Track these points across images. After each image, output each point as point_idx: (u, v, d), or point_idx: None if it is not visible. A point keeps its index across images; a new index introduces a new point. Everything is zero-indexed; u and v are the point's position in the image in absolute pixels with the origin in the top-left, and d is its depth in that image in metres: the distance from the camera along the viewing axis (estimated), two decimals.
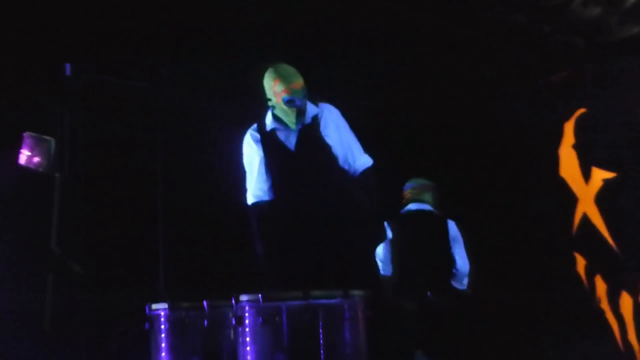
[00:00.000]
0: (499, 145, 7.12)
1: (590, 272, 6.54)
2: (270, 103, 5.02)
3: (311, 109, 5.00)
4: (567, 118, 6.96)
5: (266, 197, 5.04)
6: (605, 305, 6.66)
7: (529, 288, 6.42)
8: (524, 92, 7.01)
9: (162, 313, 5.01)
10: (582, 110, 6.93)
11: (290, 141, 5.01)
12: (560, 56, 6.90)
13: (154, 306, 4.99)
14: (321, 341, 5.23)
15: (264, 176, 5.04)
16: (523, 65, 7.10)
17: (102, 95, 5.23)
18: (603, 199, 6.82)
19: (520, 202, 6.94)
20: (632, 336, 6.59)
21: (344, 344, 5.45)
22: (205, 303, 4.96)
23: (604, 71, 6.71)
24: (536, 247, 6.81)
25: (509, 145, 7.10)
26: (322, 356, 5.20)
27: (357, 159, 5.00)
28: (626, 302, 6.64)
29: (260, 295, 4.70)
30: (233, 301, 4.70)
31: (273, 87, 4.96)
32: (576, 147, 6.94)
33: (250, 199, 5.09)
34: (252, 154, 5.10)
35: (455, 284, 6.32)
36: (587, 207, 6.84)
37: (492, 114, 7.11)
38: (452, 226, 6.39)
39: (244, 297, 4.78)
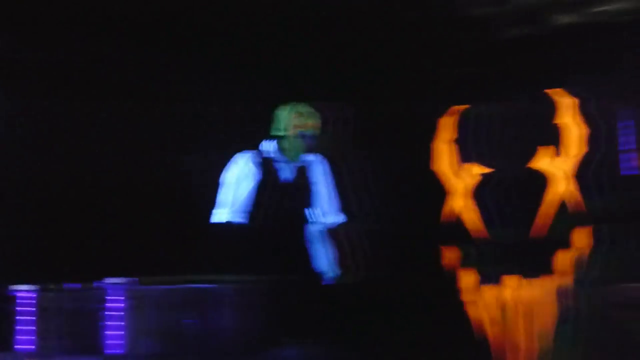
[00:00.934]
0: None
1: (457, 265, 6.75)
2: (279, 133, 5.30)
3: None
4: (443, 113, 7.14)
5: (243, 220, 5.35)
6: (469, 297, 6.90)
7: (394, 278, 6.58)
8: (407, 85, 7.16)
9: (26, 294, 5.06)
10: (459, 107, 7.13)
11: (285, 173, 5.40)
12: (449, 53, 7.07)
13: (16, 287, 5.04)
14: (193, 321, 5.42)
15: (251, 199, 5.39)
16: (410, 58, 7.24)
17: None
18: (474, 193, 7.04)
19: None
20: (491, 327, 6.84)
21: (214, 327, 5.64)
22: (69, 285, 5.04)
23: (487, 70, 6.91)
24: None
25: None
26: (190, 337, 5.38)
27: (329, 213, 5.27)
28: (488, 294, 6.89)
29: (127, 279, 4.82)
30: (100, 284, 4.80)
31: (292, 120, 5.27)
32: (451, 141, 7.14)
33: (226, 216, 5.31)
34: (247, 174, 5.40)
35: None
36: (458, 200, 7.05)
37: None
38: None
39: (110, 280, 4.89)
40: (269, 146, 5.61)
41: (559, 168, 6.69)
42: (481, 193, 7.06)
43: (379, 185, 6.77)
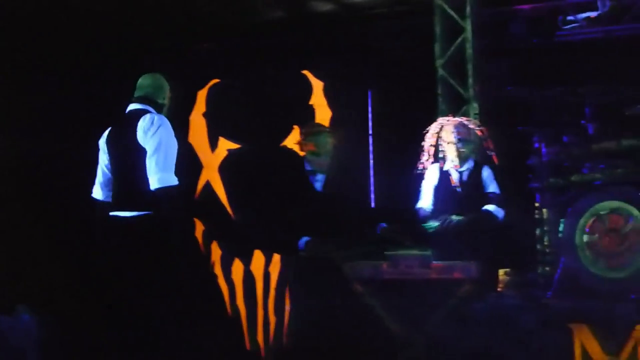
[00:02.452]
0: None
1: (208, 238, 6.80)
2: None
3: None
4: (202, 86, 7.13)
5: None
6: (218, 270, 6.98)
7: None
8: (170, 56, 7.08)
9: None
10: (216, 81, 7.14)
11: None
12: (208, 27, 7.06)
13: None
14: None
15: None
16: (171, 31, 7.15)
17: None
18: (225, 168, 7.11)
19: None
20: (240, 301, 6.97)
21: None
22: None
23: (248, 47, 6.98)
24: None
25: None
26: None
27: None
28: (238, 268, 7.01)
29: None
30: None
31: None
32: (206, 115, 7.15)
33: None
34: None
35: None
36: (210, 174, 7.09)
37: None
38: None
39: None
40: None
41: None
42: (229, 168, 7.14)
43: None
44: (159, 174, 4.92)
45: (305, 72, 7.11)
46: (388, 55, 7.09)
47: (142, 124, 5.00)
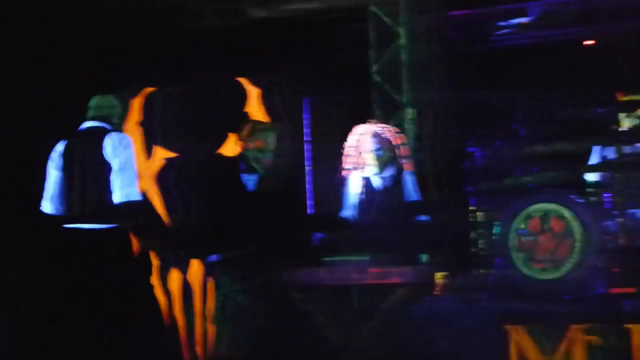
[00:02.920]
0: None
1: (144, 248, 6.72)
2: None
3: None
4: (135, 94, 7.09)
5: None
6: (155, 280, 6.93)
7: None
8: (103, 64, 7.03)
9: None
10: (150, 89, 7.11)
11: None
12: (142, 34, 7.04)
13: None
14: None
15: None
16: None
17: None
18: (161, 177, 7.07)
19: None
20: (177, 310, 6.93)
21: None
22: None
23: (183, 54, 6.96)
24: None
25: None
26: None
27: None
28: (175, 278, 6.97)
29: None
30: None
31: None
32: (141, 124, 7.11)
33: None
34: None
35: None
36: (146, 183, 7.05)
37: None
38: None
39: None
40: None
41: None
42: (165, 177, 7.10)
43: None
44: (126, 189, 5.23)
45: (241, 79, 7.10)
46: (324, 62, 7.12)
47: (110, 141, 5.26)
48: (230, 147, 6.97)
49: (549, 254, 5.99)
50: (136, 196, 5.27)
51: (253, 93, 7.06)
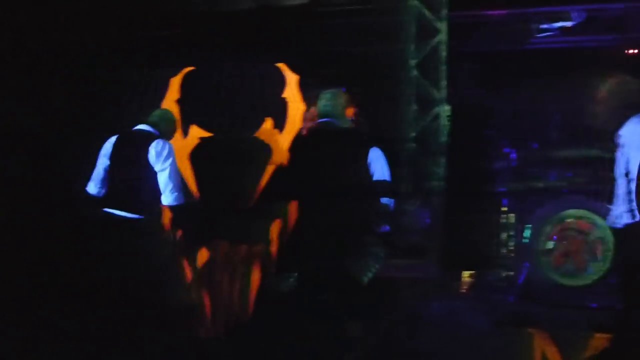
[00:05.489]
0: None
1: (174, 225, 6.75)
2: None
3: None
4: (175, 74, 7.10)
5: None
6: (183, 258, 6.96)
7: None
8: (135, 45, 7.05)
9: None
10: (190, 69, 7.12)
11: None
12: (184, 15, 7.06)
13: None
14: None
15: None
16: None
17: None
18: (196, 156, 7.09)
19: None
20: (204, 289, 6.97)
21: None
22: None
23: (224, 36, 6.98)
24: None
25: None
26: None
27: None
28: (203, 256, 7.00)
29: None
30: None
31: None
32: (179, 102, 7.12)
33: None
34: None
35: None
36: (181, 161, 7.06)
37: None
38: None
39: None
40: None
41: (279, 140, 6.90)
42: (199, 156, 7.12)
43: None
44: (175, 194, 6.02)
45: (280, 64, 7.11)
46: (361, 54, 7.10)
47: (155, 147, 6.00)
48: (266, 132, 6.98)
49: (578, 261, 6.02)
50: (182, 200, 6.04)
51: (292, 79, 7.06)
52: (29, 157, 7.24)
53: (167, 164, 5.98)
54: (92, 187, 6.15)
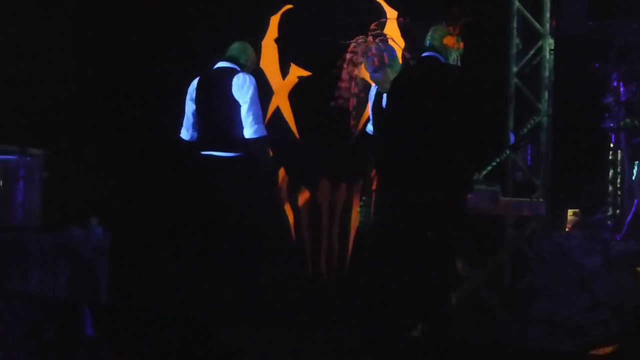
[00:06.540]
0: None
1: (275, 164, 6.77)
2: None
3: None
4: (275, 12, 7.04)
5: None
6: (284, 197, 6.99)
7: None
8: None
9: None
10: (289, 6, 7.04)
11: None
12: None
13: None
14: None
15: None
16: None
17: None
18: (295, 95, 7.06)
19: None
20: (305, 228, 6.99)
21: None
22: None
23: None
24: None
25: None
26: None
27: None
28: (304, 196, 7.01)
29: None
30: None
31: None
32: (278, 41, 7.07)
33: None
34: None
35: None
36: (281, 101, 7.05)
37: None
38: None
39: None
40: None
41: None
42: (299, 95, 7.09)
43: None
44: (255, 126, 5.99)
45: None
46: None
47: (237, 81, 5.99)
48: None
49: None
50: (264, 132, 6.03)
51: (391, 15, 6.92)
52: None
53: (248, 96, 5.95)
54: (185, 133, 6.21)
